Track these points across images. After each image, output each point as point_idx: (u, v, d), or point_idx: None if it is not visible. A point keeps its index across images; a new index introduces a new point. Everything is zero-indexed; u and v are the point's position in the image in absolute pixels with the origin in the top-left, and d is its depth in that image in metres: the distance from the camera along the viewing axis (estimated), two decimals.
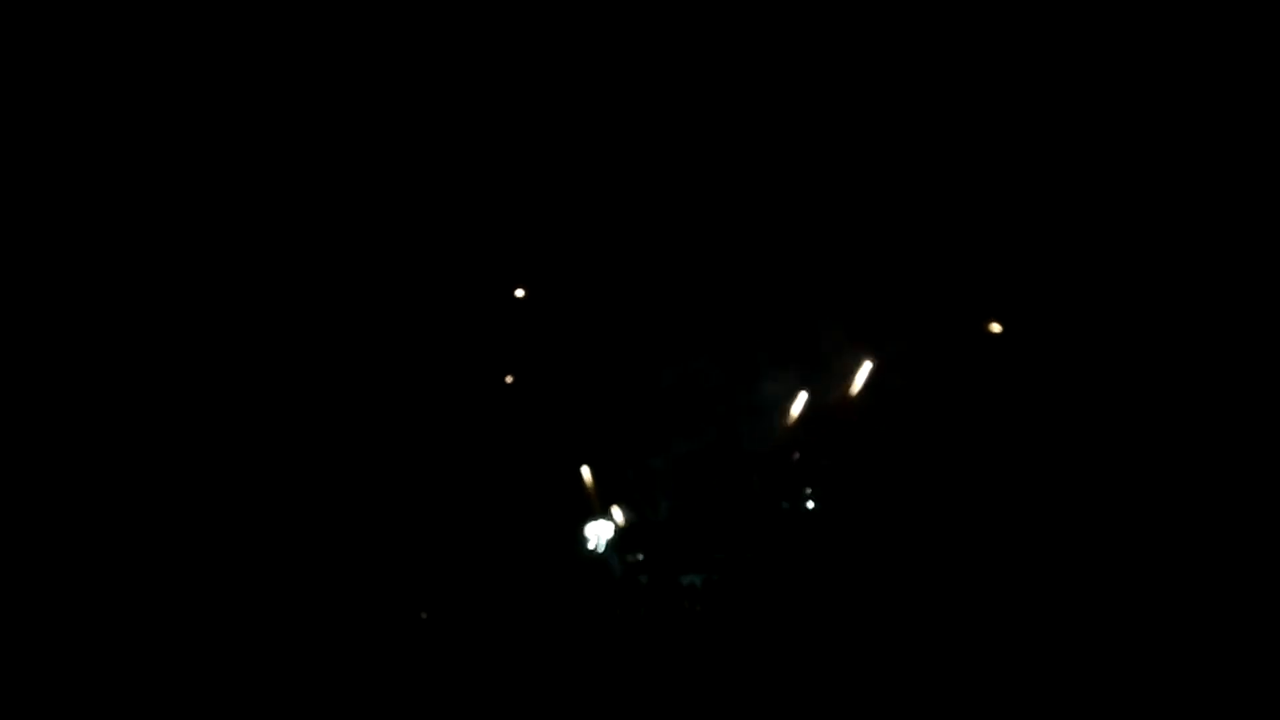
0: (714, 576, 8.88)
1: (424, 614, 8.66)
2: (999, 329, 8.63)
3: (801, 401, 9.04)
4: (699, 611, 8.81)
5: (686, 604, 8.89)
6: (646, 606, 8.95)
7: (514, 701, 7.91)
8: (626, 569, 9.12)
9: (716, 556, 8.95)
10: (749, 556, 8.90)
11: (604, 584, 9.08)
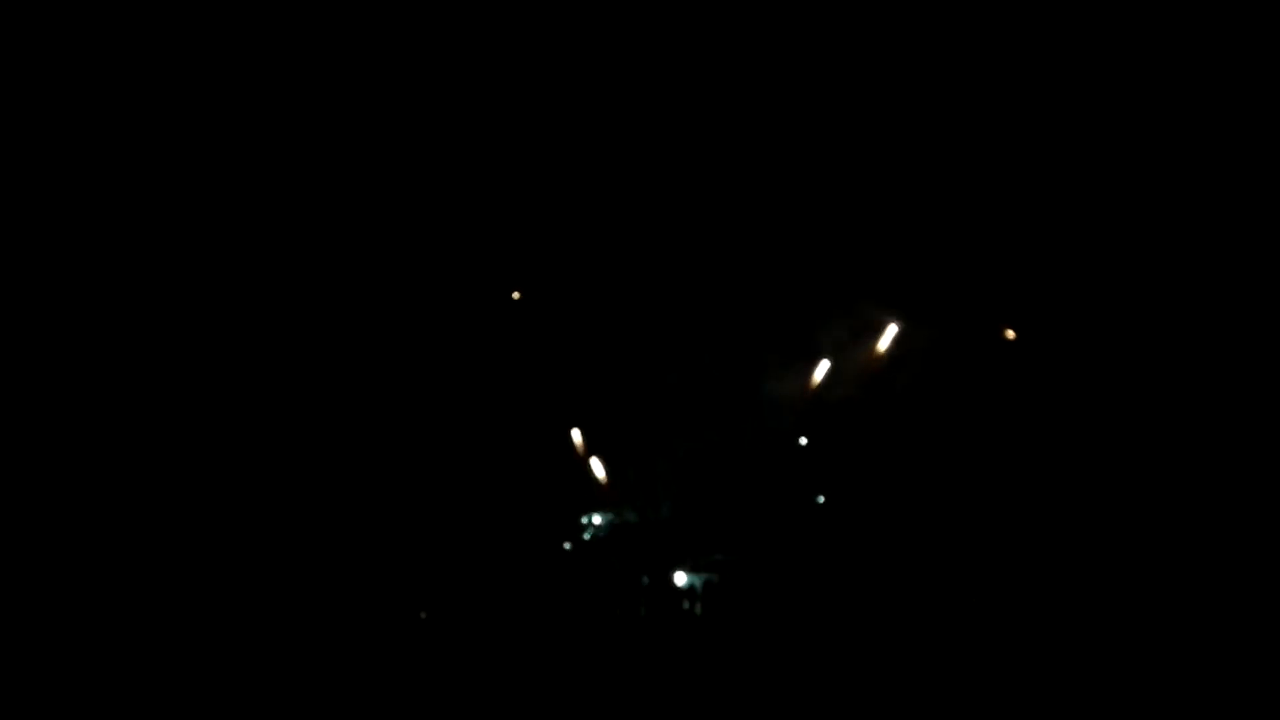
0: (714, 577, 8.88)
1: (423, 614, 8.68)
2: (1013, 335, 8.62)
3: (822, 370, 8.97)
4: (698, 612, 8.81)
5: (686, 604, 8.90)
6: (646, 606, 8.96)
7: (514, 701, 7.91)
8: (626, 569, 9.13)
9: (716, 557, 8.95)
10: (748, 557, 8.89)
11: (603, 584, 9.08)
